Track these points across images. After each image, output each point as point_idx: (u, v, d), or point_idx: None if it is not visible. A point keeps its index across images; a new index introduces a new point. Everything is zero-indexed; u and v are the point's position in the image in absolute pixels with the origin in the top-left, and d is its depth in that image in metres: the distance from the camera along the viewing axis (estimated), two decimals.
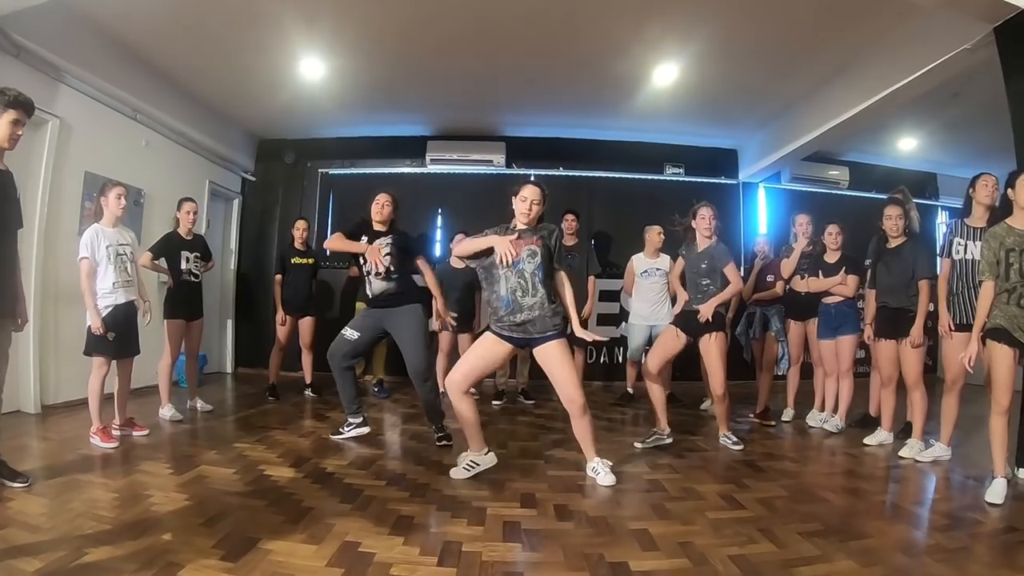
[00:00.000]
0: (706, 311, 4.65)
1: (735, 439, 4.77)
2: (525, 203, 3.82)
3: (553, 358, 3.73)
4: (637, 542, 2.80)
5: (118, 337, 4.47)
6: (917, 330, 4.56)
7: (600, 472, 3.77)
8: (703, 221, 4.84)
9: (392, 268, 4.67)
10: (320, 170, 8.84)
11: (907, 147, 8.83)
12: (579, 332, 3.85)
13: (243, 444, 4.56)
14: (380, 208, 4.78)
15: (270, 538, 2.73)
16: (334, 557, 2.57)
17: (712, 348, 4.69)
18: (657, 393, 4.77)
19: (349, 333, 4.71)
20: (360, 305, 6.73)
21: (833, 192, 9.14)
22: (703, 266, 4.80)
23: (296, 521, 2.97)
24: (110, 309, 4.45)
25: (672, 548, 2.73)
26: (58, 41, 5.38)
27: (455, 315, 5.32)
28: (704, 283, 4.79)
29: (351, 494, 3.44)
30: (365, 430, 4.86)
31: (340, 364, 4.72)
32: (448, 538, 2.82)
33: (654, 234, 6.62)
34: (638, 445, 4.71)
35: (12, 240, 3.46)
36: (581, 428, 3.83)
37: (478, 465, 3.88)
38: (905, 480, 4.04)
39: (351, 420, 4.83)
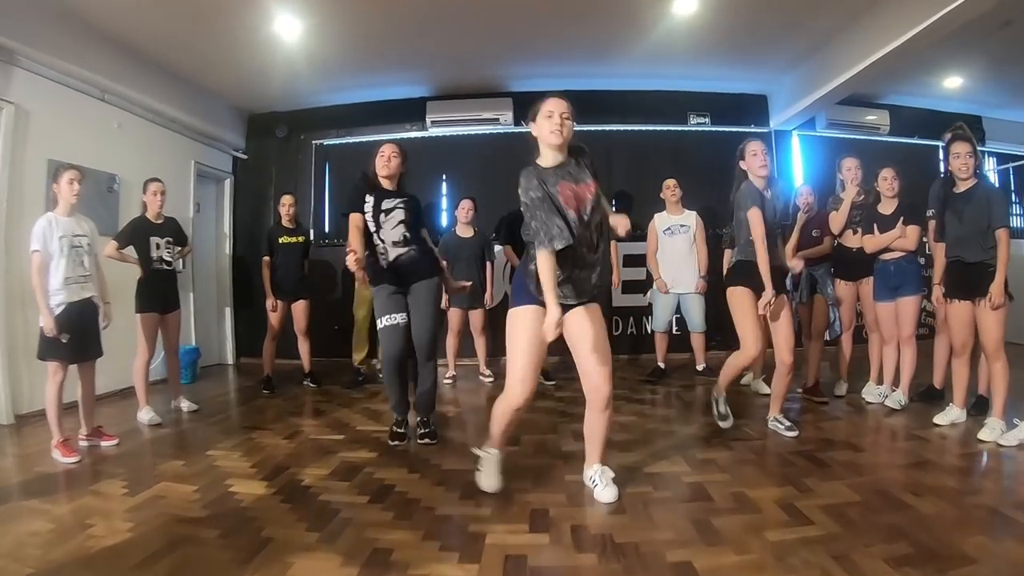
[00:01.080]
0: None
1: (788, 423, 4.09)
2: (552, 120, 2.89)
3: (590, 324, 2.96)
4: None
5: (74, 339, 4.05)
6: (998, 287, 3.84)
7: (599, 483, 3.05)
8: (755, 159, 4.01)
9: (408, 235, 4.05)
10: (314, 142, 8.27)
11: (952, 86, 7.96)
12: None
13: (218, 451, 4.03)
14: (386, 161, 4.08)
15: None
16: None
17: (787, 308, 4.01)
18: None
19: (399, 318, 4.02)
20: (362, 290, 6.15)
21: (873, 138, 8.34)
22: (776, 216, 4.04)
23: (247, 559, 2.41)
24: (63, 307, 4.02)
25: None
26: (7, 20, 4.92)
27: (466, 283, 4.57)
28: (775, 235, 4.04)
29: (324, 517, 2.85)
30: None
31: (403, 366, 4.12)
32: None
33: (667, 188, 6.16)
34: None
35: None
36: (597, 425, 3.05)
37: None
38: (993, 473, 3.37)
39: (404, 418, 4.26)
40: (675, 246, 6.03)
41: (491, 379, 6.37)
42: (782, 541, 2.44)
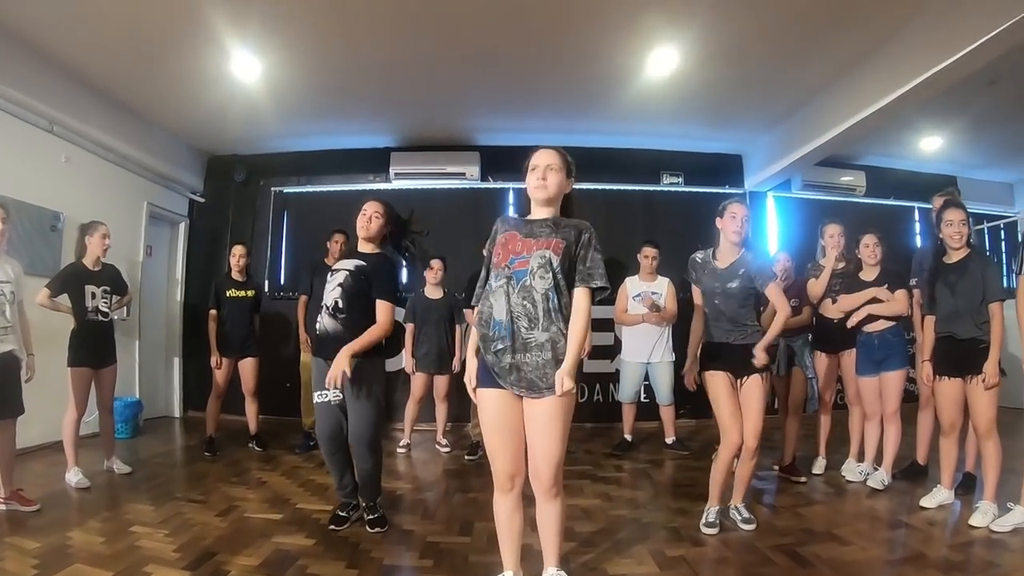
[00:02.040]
0: (761, 355, 3.58)
1: (747, 515, 3.70)
2: (535, 173, 2.68)
3: (545, 417, 2.48)
4: None
5: None
6: (992, 365, 3.62)
7: None
8: (733, 221, 3.69)
9: (340, 304, 3.57)
10: (273, 188, 7.93)
11: (931, 147, 7.93)
12: (560, 384, 2.44)
13: (143, 528, 3.61)
14: (367, 220, 3.66)
15: None
16: None
17: (759, 391, 3.62)
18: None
19: (332, 395, 3.57)
20: (305, 357, 5.78)
21: (849, 200, 8.28)
22: (732, 287, 3.67)
23: None
24: None
25: None
26: None
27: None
28: (742, 311, 3.68)
29: None
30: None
31: (341, 445, 3.70)
32: None
33: (645, 258, 5.94)
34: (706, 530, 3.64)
35: None
36: (545, 517, 2.58)
37: None
38: (993, 568, 3.05)
39: (348, 501, 3.84)
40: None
41: (448, 450, 5.96)
42: None
